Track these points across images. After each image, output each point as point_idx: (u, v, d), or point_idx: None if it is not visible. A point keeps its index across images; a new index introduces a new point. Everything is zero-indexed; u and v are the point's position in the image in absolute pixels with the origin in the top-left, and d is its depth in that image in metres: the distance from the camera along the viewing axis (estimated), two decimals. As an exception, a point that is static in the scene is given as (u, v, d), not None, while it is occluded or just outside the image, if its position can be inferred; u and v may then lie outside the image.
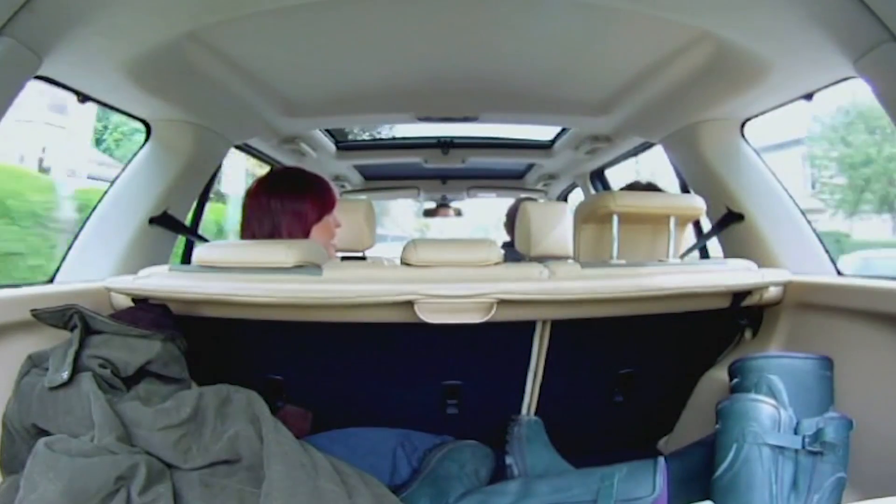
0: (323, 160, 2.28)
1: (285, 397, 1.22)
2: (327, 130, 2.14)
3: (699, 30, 1.07)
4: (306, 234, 1.29)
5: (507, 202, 3.04)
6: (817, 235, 1.33)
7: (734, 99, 1.31)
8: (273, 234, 1.26)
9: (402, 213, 13.54)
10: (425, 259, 1.08)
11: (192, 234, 1.67)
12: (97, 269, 1.29)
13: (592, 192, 2.54)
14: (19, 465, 0.76)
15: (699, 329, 1.24)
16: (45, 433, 0.79)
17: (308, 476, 0.78)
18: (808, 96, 1.22)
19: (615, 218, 1.21)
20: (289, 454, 0.79)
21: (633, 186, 1.67)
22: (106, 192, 1.40)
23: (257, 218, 1.27)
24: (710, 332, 1.27)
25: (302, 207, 1.28)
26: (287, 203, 1.27)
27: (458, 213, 3.32)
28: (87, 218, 1.37)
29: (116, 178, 1.42)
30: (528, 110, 1.69)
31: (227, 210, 4.87)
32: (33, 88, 0.98)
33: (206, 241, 1.63)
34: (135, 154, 1.44)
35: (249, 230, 1.27)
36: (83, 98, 1.19)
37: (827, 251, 1.31)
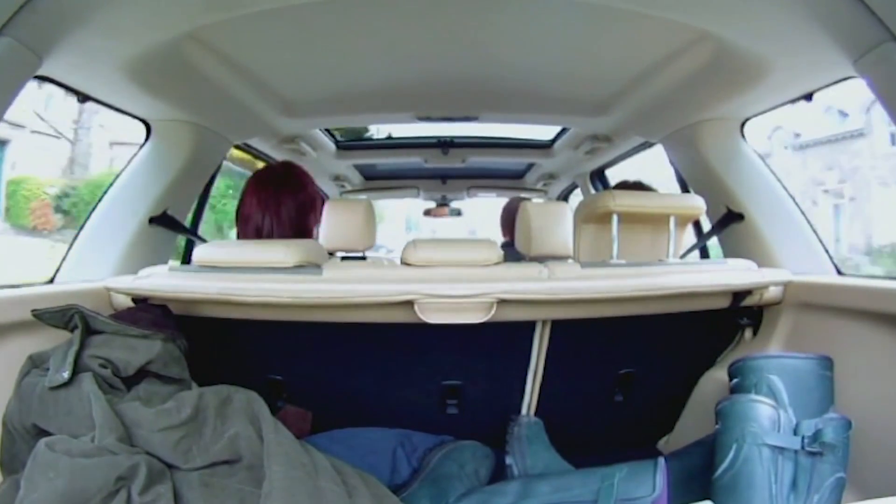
0: (323, 160, 2.28)
1: (285, 397, 1.22)
2: (327, 130, 2.14)
3: (699, 30, 1.07)
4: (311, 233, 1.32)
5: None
6: (817, 235, 1.33)
7: (734, 99, 1.31)
8: (294, 230, 1.28)
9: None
10: (425, 259, 1.08)
11: (192, 234, 1.67)
12: (97, 269, 1.29)
13: (592, 191, 2.54)
14: (20, 465, 0.76)
15: (699, 329, 1.24)
16: (46, 433, 0.79)
17: (308, 476, 0.78)
18: (808, 96, 1.22)
19: (615, 218, 1.21)
20: (289, 454, 0.79)
21: (622, 185, 1.67)
22: (106, 192, 1.39)
23: (268, 211, 1.28)
24: (710, 331, 1.27)
25: (316, 204, 1.33)
26: (315, 199, 1.34)
27: (458, 212, 3.31)
28: (87, 218, 1.37)
29: (116, 177, 1.41)
30: (528, 110, 1.68)
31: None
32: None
33: (205, 241, 1.63)
34: (135, 154, 1.44)
35: (253, 224, 1.28)
36: (83, 98, 1.19)
37: (827, 251, 1.31)
